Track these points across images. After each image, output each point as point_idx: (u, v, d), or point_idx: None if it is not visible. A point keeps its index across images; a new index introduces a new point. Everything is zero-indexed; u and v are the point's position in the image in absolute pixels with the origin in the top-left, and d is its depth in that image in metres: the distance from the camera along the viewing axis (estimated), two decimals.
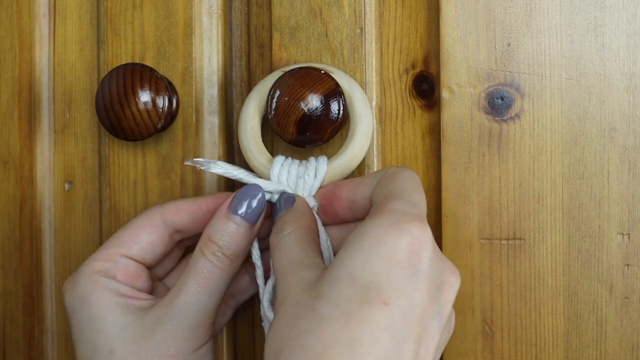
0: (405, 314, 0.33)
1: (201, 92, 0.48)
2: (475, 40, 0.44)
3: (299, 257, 0.37)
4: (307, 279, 0.35)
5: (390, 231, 0.34)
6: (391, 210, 0.36)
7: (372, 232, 0.35)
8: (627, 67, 0.43)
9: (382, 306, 0.33)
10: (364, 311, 0.33)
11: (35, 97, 0.51)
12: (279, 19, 0.46)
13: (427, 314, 0.34)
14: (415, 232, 0.34)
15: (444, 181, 0.45)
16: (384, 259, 0.34)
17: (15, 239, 0.51)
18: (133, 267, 0.41)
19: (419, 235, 0.34)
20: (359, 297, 0.33)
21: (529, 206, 0.44)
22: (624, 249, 0.43)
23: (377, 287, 0.33)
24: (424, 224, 0.35)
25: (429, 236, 0.35)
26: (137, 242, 0.41)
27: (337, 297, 0.33)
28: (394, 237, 0.34)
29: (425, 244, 0.35)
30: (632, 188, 0.43)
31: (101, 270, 0.40)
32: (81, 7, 0.50)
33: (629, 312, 0.43)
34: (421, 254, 0.34)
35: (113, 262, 0.41)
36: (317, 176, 0.42)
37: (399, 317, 0.33)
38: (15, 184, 0.51)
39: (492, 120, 0.44)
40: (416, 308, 0.34)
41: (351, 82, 0.44)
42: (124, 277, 0.41)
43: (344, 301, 0.33)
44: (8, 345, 0.52)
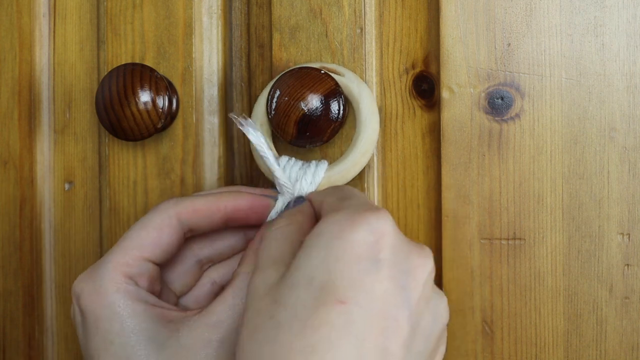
0: (365, 309, 0.32)
1: (201, 92, 0.48)
2: (475, 40, 0.44)
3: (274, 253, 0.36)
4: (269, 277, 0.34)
5: (346, 225, 0.33)
6: (344, 207, 0.35)
7: (327, 229, 0.34)
8: (627, 67, 0.43)
9: (338, 305, 0.31)
10: (319, 314, 0.31)
11: (35, 97, 0.51)
12: (279, 19, 0.46)
13: (393, 304, 0.33)
14: (372, 220, 0.33)
15: (444, 181, 0.45)
16: (339, 255, 0.33)
17: (15, 239, 0.51)
18: (155, 271, 0.39)
19: (377, 223, 0.33)
20: (316, 300, 0.32)
21: (529, 206, 0.44)
22: (624, 249, 0.43)
23: (333, 285, 0.32)
24: (382, 211, 0.34)
25: (388, 222, 0.34)
26: (159, 244, 0.39)
27: (294, 303, 0.32)
28: (350, 230, 0.33)
29: (385, 230, 0.33)
30: (632, 188, 0.43)
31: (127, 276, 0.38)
32: (81, 7, 0.50)
33: (629, 312, 0.43)
34: (381, 242, 0.33)
35: (137, 267, 0.38)
36: (312, 182, 0.42)
37: (358, 314, 0.31)
38: (15, 184, 0.51)
39: (492, 120, 0.44)
40: (378, 300, 0.32)
41: (361, 85, 0.44)
42: (147, 283, 0.39)
43: (300, 306, 0.32)
44: (8, 345, 0.52)
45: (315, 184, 0.42)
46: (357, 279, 0.32)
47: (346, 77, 0.44)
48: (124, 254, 0.38)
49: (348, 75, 0.44)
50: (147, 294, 0.38)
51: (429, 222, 0.46)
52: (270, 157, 0.41)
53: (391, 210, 0.46)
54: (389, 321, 0.32)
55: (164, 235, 0.39)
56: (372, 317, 0.32)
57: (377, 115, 0.44)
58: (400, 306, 0.33)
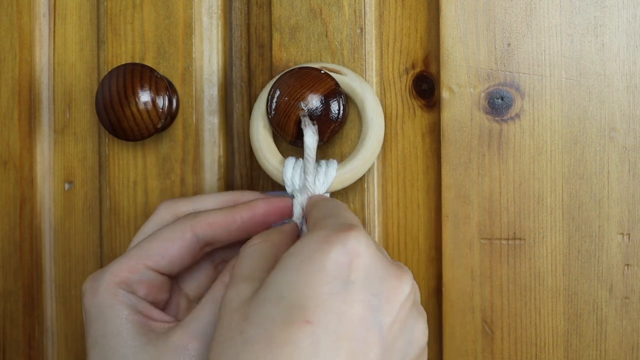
0: (332, 330, 0.31)
1: (201, 92, 0.48)
2: (475, 40, 0.44)
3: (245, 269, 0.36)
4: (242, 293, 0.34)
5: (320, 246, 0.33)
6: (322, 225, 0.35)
7: (302, 248, 0.34)
8: (627, 67, 0.43)
9: (305, 326, 0.31)
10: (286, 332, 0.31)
11: (35, 97, 0.51)
12: (279, 19, 0.46)
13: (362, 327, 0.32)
14: (346, 241, 0.33)
15: (444, 181, 0.44)
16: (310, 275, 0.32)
17: (15, 239, 0.51)
18: (158, 280, 0.40)
19: (351, 244, 0.33)
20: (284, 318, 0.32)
21: (529, 206, 0.44)
22: (624, 249, 0.43)
23: (302, 305, 0.32)
24: (358, 232, 0.34)
25: (363, 243, 0.33)
26: (166, 255, 0.40)
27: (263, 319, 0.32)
28: (323, 251, 0.33)
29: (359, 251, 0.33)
30: (632, 188, 0.43)
31: (123, 282, 0.39)
32: (81, 7, 0.50)
33: (629, 312, 0.43)
34: (354, 263, 0.33)
35: (138, 273, 0.39)
36: (325, 182, 0.42)
37: (324, 335, 0.31)
38: (15, 184, 0.51)
39: (492, 120, 0.44)
40: (347, 322, 0.32)
41: (363, 85, 0.44)
42: (146, 291, 0.39)
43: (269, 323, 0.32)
44: (8, 345, 0.52)
45: (327, 183, 0.42)
46: (325, 300, 0.32)
47: (348, 76, 0.44)
48: (128, 260, 0.39)
49: (350, 75, 0.44)
50: (139, 301, 0.39)
51: (429, 222, 0.46)
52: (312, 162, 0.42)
53: (391, 210, 0.46)
54: (358, 343, 0.32)
55: (174, 248, 0.40)
56: (339, 339, 0.32)
57: (381, 113, 0.44)
58: (370, 329, 0.33)
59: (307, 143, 0.42)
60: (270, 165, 0.43)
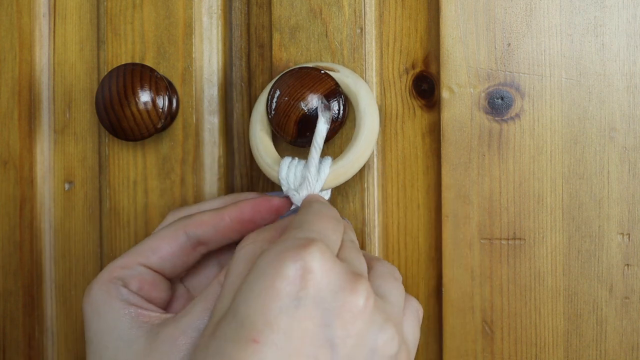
0: (279, 349, 0.31)
1: (201, 92, 0.48)
2: (475, 40, 0.44)
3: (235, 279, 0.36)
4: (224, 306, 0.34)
5: (274, 261, 0.33)
6: (282, 240, 0.34)
7: (258, 265, 0.33)
8: (627, 67, 0.43)
9: (252, 344, 0.31)
10: (235, 351, 0.31)
11: (35, 97, 0.51)
12: (279, 19, 0.46)
13: (312, 344, 0.32)
14: (299, 258, 0.32)
15: (444, 181, 0.44)
16: (261, 291, 0.32)
17: (15, 239, 0.51)
18: (149, 276, 0.40)
19: (304, 259, 0.32)
20: (235, 336, 0.32)
21: (529, 206, 0.44)
22: (624, 249, 0.43)
23: (251, 322, 0.32)
24: (314, 247, 0.33)
25: (317, 258, 0.33)
26: (157, 251, 0.40)
27: (222, 336, 0.32)
28: (275, 266, 0.32)
29: (312, 267, 0.32)
30: (632, 188, 0.43)
31: (116, 277, 0.39)
32: (81, 7, 0.50)
33: (629, 312, 0.43)
34: (304, 279, 0.32)
35: (130, 269, 0.40)
36: (319, 179, 0.42)
37: (272, 355, 0.31)
38: (15, 184, 0.51)
39: (492, 120, 0.44)
40: (295, 340, 0.32)
41: (357, 80, 0.44)
42: (138, 286, 0.40)
43: (224, 341, 0.32)
44: (8, 345, 0.52)
45: (322, 180, 0.42)
46: (273, 317, 0.32)
47: (341, 72, 0.44)
48: (123, 258, 0.40)
49: (343, 71, 0.44)
50: (133, 295, 0.39)
51: (429, 222, 0.46)
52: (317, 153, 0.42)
53: (391, 211, 0.46)
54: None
55: (165, 245, 0.40)
56: (288, 356, 0.31)
57: (375, 107, 0.44)
58: (321, 345, 0.32)
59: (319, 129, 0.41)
60: (266, 165, 0.44)
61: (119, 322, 0.38)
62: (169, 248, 0.41)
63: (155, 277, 0.41)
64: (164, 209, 0.48)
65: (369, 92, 0.44)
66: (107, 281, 0.39)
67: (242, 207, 0.41)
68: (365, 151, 0.43)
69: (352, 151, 0.43)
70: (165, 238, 0.41)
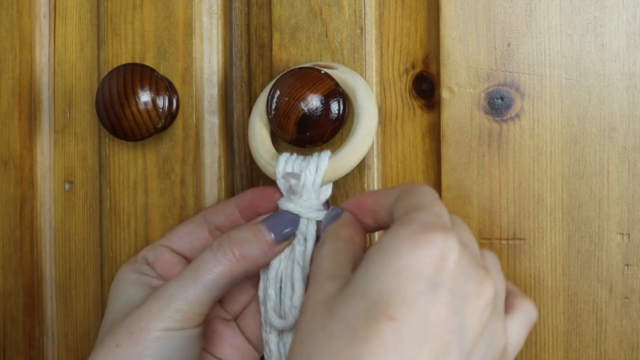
0: (416, 329, 0.31)
1: (201, 92, 0.48)
2: (475, 40, 0.44)
3: (328, 268, 0.36)
4: (327, 289, 0.35)
5: (407, 242, 0.33)
6: (411, 220, 0.34)
7: (389, 244, 0.33)
8: (627, 67, 0.43)
9: (389, 321, 0.31)
10: (369, 327, 0.31)
11: (35, 97, 0.51)
12: (279, 19, 0.46)
13: (445, 329, 0.32)
14: (437, 241, 0.33)
15: (444, 181, 0.45)
16: (397, 272, 0.32)
17: (15, 239, 0.51)
18: (169, 255, 0.44)
19: (441, 245, 0.33)
20: (367, 313, 0.32)
21: (529, 206, 0.44)
22: (623, 249, 0.43)
23: (387, 301, 0.32)
24: (448, 232, 0.33)
25: (453, 245, 0.33)
26: (176, 232, 0.45)
27: (347, 314, 0.32)
28: (411, 249, 0.33)
29: (449, 253, 0.33)
30: (632, 188, 0.43)
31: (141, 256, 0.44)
32: (81, 7, 0.50)
33: (628, 312, 0.43)
34: (443, 265, 0.32)
35: (153, 250, 0.44)
36: (318, 171, 0.42)
37: (408, 334, 0.31)
38: (15, 184, 0.51)
39: (492, 120, 0.44)
40: (430, 324, 0.32)
41: (355, 76, 0.44)
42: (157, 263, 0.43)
43: (352, 318, 0.32)
44: (8, 345, 0.52)
45: (321, 172, 0.42)
46: (412, 299, 0.32)
47: (339, 70, 0.44)
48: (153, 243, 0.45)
49: (341, 68, 0.44)
50: (149, 269, 0.43)
51: None
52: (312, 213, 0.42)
53: None
54: (438, 345, 0.32)
55: (184, 227, 0.45)
56: (422, 339, 0.32)
57: (373, 101, 0.43)
58: (452, 332, 0.32)
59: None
60: (264, 161, 0.44)
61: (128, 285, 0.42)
62: (186, 229, 0.45)
63: (174, 257, 0.44)
64: (164, 209, 0.48)
65: (367, 86, 0.44)
66: (132, 261, 0.44)
67: (243, 195, 0.44)
68: (364, 142, 0.43)
69: (350, 143, 0.42)
70: (187, 223, 0.45)
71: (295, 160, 0.42)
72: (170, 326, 0.39)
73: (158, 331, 0.39)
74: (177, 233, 0.45)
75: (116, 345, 0.39)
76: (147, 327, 0.39)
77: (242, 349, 0.45)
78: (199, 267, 0.40)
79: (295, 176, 0.42)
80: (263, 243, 0.41)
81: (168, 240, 0.45)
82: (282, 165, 0.42)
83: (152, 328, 0.39)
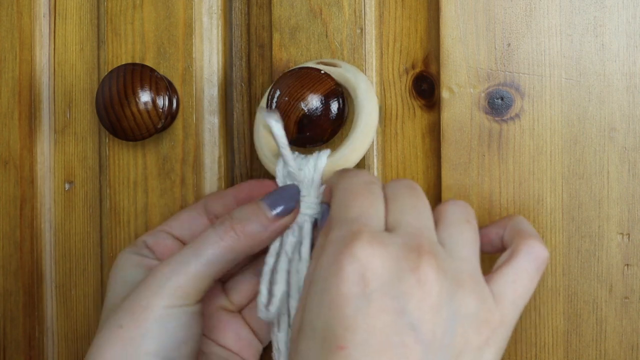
0: (366, 347, 0.32)
1: (201, 92, 0.48)
2: (475, 40, 0.44)
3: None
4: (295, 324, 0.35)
5: (332, 267, 0.33)
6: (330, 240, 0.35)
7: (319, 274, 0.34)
8: (627, 67, 0.43)
9: (340, 351, 0.32)
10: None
11: (35, 97, 0.51)
12: (279, 19, 0.46)
13: (394, 332, 0.32)
14: (356, 252, 0.33)
15: (444, 181, 0.45)
16: (331, 302, 0.33)
17: (15, 239, 0.51)
18: (169, 240, 0.44)
19: (361, 254, 0.33)
20: (322, 350, 0.32)
21: (529, 206, 0.44)
22: (623, 249, 0.43)
23: (333, 333, 0.32)
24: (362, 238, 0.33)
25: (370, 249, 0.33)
26: (177, 218, 0.45)
27: (306, 353, 0.33)
28: (336, 272, 0.33)
29: (370, 260, 0.33)
30: (632, 188, 0.43)
31: (141, 240, 0.44)
32: (81, 7, 0.50)
33: (628, 312, 0.43)
34: (367, 274, 0.33)
35: (152, 235, 0.44)
36: (316, 169, 0.42)
37: (361, 354, 0.32)
38: (15, 184, 0.51)
39: (492, 120, 0.44)
40: (378, 334, 0.32)
41: (357, 73, 0.44)
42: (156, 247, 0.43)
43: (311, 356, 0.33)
44: (8, 345, 0.52)
45: (319, 170, 0.42)
46: (351, 321, 0.32)
47: (343, 67, 0.44)
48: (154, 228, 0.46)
49: (344, 66, 0.44)
50: (149, 252, 0.43)
51: None
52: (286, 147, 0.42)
53: None
54: (397, 349, 0.32)
55: (184, 213, 0.45)
56: (376, 352, 0.32)
57: (374, 98, 0.43)
58: (403, 331, 0.32)
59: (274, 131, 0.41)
60: (266, 159, 0.44)
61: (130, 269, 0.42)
62: (186, 215, 0.45)
63: (175, 243, 0.44)
64: (164, 208, 0.48)
65: (369, 83, 0.44)
66: (132, 244, 0.44)
67: (241, 187, 0.45)
68: (363, 140, 0.43)
69: (349, 141, 0.42)
70: (188, 209, 0.45)
71: (295, 158, 0.42)
72: (172, 303, 0.39)
73: (160, 309, 0.39)
74: (178, 219, 0.45)
75: (119, 326, 0.39)
76: (149, 306, 0.39)
77: (247, 340, 0.45)
78: (200, 243, 0.40)
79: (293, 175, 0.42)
80: (263, 218, 0.40)
81: (168, 226, 0.44)
82: (281, 164, 0.42)
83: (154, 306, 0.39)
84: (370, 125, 0.43)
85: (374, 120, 0.43)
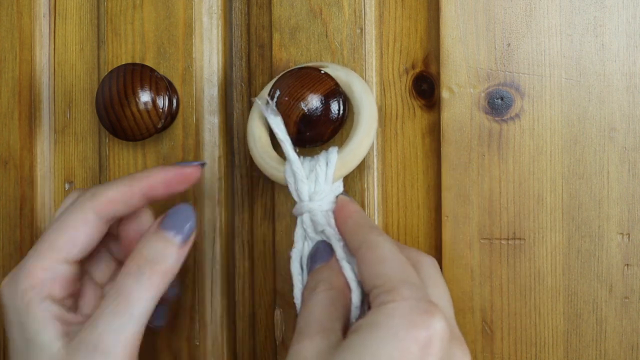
0: None
1: (201, 92, 0.48)
2: (475, 40, 0.44)
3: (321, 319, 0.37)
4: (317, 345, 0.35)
5: (405, 325, 0.34)
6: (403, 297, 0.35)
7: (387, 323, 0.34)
8: (627, 67, 0.43)
9: None
10: None
11: (35, 97, 0.51)
12: (279, 19, 0.46)
13: None
14: (428, 324, 0.34)
15: (444, 181, 0.45)
16: (395, 351, 0.33)
17: (15, 239, 0.51)
18: (70, 272, 0.39)
19: (432, 327, 0.34)
20: None
21: (529, 206, 0.44)
22: (623, 249, 0.43)
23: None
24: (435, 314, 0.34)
25: (439, 325, 0.34)
26: (77, 243, 0.39)
27: None
28: (407, 330, 0.34)
29: (435, 335, 0.34)
30: (632, 188, 0.43)
31: (39, 284, 0.38)
32: (81, 7, 0.50)
33: (628, 312, 0.43)
34: (430, 347, 0.34)
35: (51, 270, 0.38)
36: (328, 165, 0.42)
37: None
38: (15, 184, 0.51)
39: (492, 120, 0.44)
40: None
41: (348, 72, 0.44)
42: (61, 288, 0.39)
43: None
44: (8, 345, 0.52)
45: (332, 165, 0.42)
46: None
47: (330, 68, 0.44)
48: (41, 259, 0.38)
49: (332, 67, 0.44)
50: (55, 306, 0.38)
51: (429, 222, 0.46)
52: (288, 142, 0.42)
53: (391, 211, 0.46)
54: None
55: (80, 233, 0.39)
56: None
57: (370, 94, 0.43)
58: None
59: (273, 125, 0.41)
60: (269, 167, 0.43)
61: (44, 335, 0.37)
62: (85, 236, 0.39)
63: (75, 269, 0.39)
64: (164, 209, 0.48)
65: (362, 81, 0.44)
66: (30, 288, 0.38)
67: (152, 179, 0.40)
68: (368, 134, 0.43)
69: (355, 136, 0.43)
70: (79, 226, 0.39)
71: (303, 161, 0.42)
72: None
73: None
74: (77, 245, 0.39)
75: None
76: None
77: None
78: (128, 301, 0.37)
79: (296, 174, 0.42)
80: (174, 249, 0.38)
81: (66, 253, 0.39)
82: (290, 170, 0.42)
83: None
84: (372, 119, 0.43)
85: (374, 114, 0.43)
